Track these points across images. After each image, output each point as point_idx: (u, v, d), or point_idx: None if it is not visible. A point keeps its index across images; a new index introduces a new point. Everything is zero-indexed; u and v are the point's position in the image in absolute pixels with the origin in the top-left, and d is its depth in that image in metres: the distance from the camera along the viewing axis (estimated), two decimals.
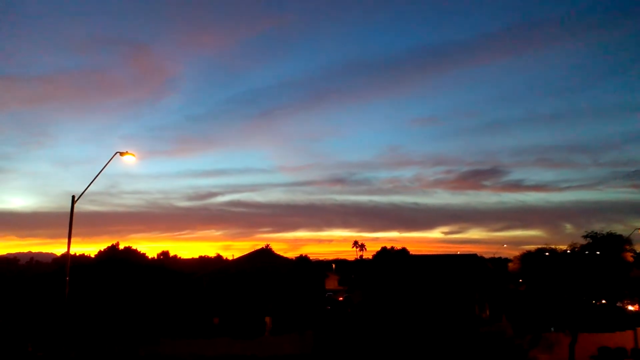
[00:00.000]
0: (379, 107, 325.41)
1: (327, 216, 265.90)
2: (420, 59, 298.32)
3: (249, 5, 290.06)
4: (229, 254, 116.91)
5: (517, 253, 34.72)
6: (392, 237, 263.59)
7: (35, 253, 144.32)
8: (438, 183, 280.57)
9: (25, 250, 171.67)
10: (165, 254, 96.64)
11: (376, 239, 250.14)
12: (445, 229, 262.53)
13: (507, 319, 35.38)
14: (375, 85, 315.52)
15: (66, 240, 24.69)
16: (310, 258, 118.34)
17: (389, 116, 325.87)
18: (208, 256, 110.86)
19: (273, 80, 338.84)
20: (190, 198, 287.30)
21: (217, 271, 45.37)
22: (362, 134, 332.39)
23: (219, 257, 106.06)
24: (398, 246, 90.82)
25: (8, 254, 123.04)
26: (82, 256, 53.51)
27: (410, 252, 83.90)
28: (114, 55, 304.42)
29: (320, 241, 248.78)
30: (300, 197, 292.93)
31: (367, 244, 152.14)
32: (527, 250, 31.44)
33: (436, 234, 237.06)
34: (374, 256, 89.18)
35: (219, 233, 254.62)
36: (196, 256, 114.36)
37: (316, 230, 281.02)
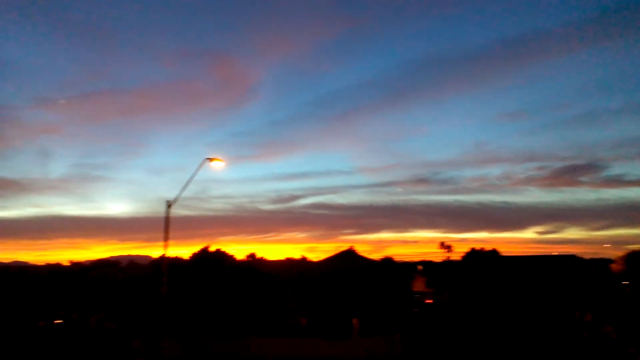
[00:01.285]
0: (463, 102, 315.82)
1: (411, 217, 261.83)
2: (505, 50, 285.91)
3: (324, 7, 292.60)
4: (314, 256, 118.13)
5: (620, 253, 32.15)
6: (481, 238, 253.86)
7: (134, 256, 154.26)
8: (529, 180, 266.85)
9: (125, 253, 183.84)
10: (252, 255, 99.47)
11: (464, 240, 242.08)
12: (539, 228, 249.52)
13: (611, 323, 32.82)
14: (457, 80, 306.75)
15: (162, 243, 26.08)
16: (395, 259, 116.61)
17: (473, 112, 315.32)
18: (293, 258, 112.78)
19: (351, 81, 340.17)
20: (274, 201, 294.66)
21: (303, 272, 45.96)
22: (445, 132, 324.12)
23: (304, 259, 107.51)
24: (488, 247, 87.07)
25: (110, 257, 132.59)
26: (177, 258, 56.33)
27: (501, 253, 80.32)
28: (199, 66, 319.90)
29: (404, 242, 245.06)
30: (382, 198, 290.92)
31: (454, 245, 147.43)
32: (632, 250, 29.01)
33: (529, 234, 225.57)
34: (463, 257, 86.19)
35: (302, 235, 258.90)
36: (282, 258, 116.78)
37: (400, 232, 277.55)
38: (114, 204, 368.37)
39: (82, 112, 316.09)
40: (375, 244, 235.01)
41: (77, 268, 64.98)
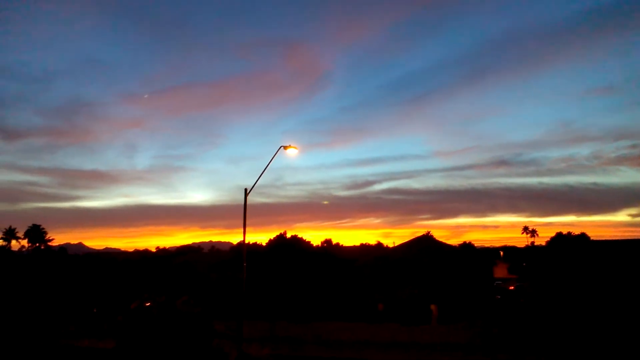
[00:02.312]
0: (545, 79, 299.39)
1: (491, 201, 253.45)
2: (591, 22, 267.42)
3: None
4: (389, 242, 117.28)
5: None
6: (568, 222, 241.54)
7: (215, 242, 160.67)
8: (621, 160, 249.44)
9: (206, 239, 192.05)
10: (328, 241, 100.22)
11: (549, 224, 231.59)
12: (633, 211, 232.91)
13: None
14: (539, 56, 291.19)
15: (241, 230, 26.65)
16: (475, 245, 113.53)
17: (557, 89, 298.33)
18: (369, 244, 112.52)
19: (425, 63, 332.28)
20: (349, 187, 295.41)
21: (379, 258, 45.58)
22: (527, 111, 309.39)
23: (379, 244, 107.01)
24: (575, 231, 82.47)
25: (193, 243, 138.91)
26: (255, 244, 57.72)
27: (591, 238, 75.82)
28: (272, 56, 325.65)
29: (484, 227, 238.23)
30: (460, 182, 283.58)
31: (538, 230, 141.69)
32: None
33: (621, 217, 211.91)
34: (548, 242, 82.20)
35: (378, 221, 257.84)
36: (357, 244, 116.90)
37: (479, 216, 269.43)
38: (195, 193, 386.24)
39: (163, 106, 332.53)
40: (453, 229, 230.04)
41: (163, 254, 68.43)
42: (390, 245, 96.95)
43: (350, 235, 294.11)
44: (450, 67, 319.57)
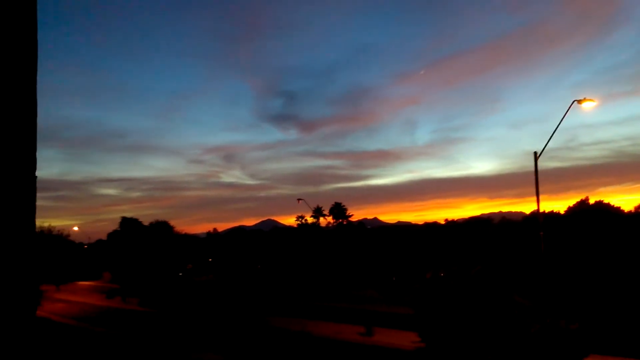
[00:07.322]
0: None
1: None
2: None
3: None
4: None
5: None
6: None
7: (505, 212, 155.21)
8: None
9: (495, 210, 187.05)
10: None
11: None
12: None
13: None
14: None
15: (533, 198, 24.70)
16: None
17: None
18: None
19: None
20: None
21: None
22: None
23: None
24: None
25: (482, 214, 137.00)
26: (551, 212, 53.14)
27: None
28: (548, 3, 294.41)
29: None
30: None
31: None
32: None
33: None
34: None
35: None
36: None
37: None
38: (478, 163, 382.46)
39: (436, 79, 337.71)
40: None
41: (451, 225, 69.42)
42: None
43: None
44: None
